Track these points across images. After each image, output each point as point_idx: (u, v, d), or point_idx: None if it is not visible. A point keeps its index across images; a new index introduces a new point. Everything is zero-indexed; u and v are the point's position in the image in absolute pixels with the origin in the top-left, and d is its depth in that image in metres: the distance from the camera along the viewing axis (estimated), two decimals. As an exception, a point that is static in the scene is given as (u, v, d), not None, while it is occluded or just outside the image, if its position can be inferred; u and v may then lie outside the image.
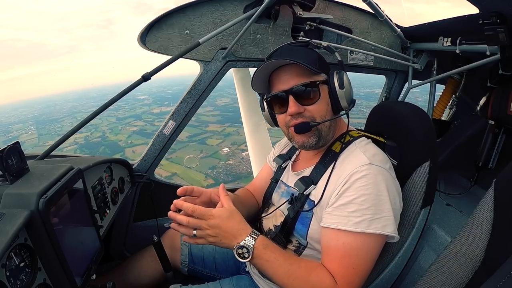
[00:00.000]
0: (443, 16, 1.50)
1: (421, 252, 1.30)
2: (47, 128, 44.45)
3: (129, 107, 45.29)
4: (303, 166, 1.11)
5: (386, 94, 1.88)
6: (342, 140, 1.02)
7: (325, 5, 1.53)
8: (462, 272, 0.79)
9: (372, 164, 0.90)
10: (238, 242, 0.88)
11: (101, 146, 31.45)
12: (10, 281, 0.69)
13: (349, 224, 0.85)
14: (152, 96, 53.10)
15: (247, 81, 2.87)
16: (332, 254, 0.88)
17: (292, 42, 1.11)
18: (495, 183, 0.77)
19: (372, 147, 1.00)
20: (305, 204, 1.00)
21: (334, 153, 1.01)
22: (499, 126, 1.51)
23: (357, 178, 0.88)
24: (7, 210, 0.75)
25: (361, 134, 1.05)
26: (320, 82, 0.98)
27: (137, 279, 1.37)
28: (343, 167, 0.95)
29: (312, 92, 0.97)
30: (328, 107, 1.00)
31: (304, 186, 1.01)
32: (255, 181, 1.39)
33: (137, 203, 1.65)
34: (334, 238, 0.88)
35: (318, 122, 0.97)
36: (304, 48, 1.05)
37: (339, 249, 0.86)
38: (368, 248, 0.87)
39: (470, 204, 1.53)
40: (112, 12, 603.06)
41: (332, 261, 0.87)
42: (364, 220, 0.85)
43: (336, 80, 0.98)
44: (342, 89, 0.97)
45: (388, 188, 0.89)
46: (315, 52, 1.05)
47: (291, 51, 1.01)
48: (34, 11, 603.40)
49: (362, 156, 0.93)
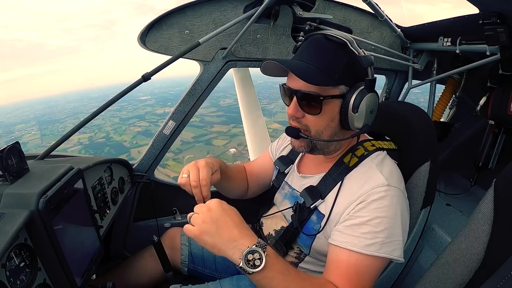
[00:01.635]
0: (444, 16, 1.50)
1: (421, 252, 1.30)
2: (49, 128, 44.44)
3: (132, 108, 45.28)
4: (311, 170, 1.06)
5: (386, 94, 1.88)
6: (355, 152, 0.95)
7: (325, 5, 1.53)
8: (462, 272, 0.79)
9: (390, 185, 0.86)
10: (247, 245, 0.72)
11: (106, 147, 31.49)
12: (10, 281, 0.69)
13: (359, 245, 0.83)
14: (155, 97, 53.08)
15: (247, 81, 2.88)
16: (341, 271, 0.85)
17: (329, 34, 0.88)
18: (495, 183, 0.77)
19: (389, 163, 0.95)
20: (312, 215, 0.97)
21: (346, 167, 0.95)
22: (499, 126, 1.52)
23: (374, 200, 0.85)
24: (7, 210, 0.75)
25: (376, 147, 0.98)
26: (327, 96, 0.86)
27: (137, 279, 1.37)
28: (357, 185, 0.90)
29: (313, 104, 0.88)
30: (332, 122, 0.90)
31: (311, 199, 0.96)
32: (253, 163, 1.35)
33: (137, 203, 1.65)
34: (345, 257, 0.85)
35: (306, 135, 0.91)
36: (335, 48, 0.87)
37: (350, 268, 0.84)
38: (375, 268, 0.86)
39: (470, 204, 1.53)
40: (114, 13, 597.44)
41: (341, 277, 0.84)
42: (375, 243, 0.83)
43: (353, 100, 0.86)
44: (354, 113, 0.86)
45: (402, 212, 0.87)
46: (346, 57, 0.86)
47: (314, 49, 0.89)
48: (36, 12, 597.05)
49: (380, 176, 0.88)
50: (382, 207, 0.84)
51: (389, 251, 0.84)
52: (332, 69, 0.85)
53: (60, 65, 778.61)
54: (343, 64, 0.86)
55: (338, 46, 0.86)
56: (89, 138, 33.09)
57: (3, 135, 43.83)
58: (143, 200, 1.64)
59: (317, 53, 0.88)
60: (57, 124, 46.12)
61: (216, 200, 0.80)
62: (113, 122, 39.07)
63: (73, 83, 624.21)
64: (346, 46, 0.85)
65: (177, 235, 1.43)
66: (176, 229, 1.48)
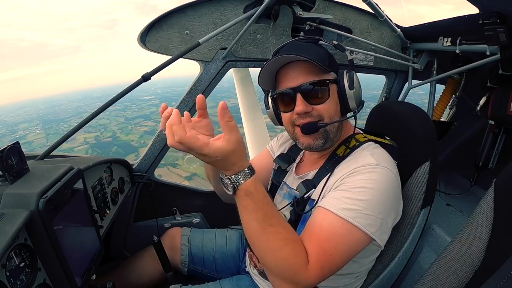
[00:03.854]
0: (445, 17, 1.50)
1: (421, 252, 1.30)
2: (54, 127, 44.42)
3: (136, 108, 45.33)
4: (307, 169, 1.08)
5: (386, 94, 1.88)
6: (347, 145, 0.98)
7: (325, 5, 1.53)
8: (462, 272, 0.79)
9: (379, 165, 0.86)
10: (225, 174, 0.76)
11: (114, 146, 31.45)
12: (10, 281, 0.69)
13: (337, 207, 0.82)
14: (158, 97, 53.11)
15: (247, 81, 2.88)
16: (314, 233, 0.82)
17: (301, 38, 1.05)
18: (495, 183, 0.77)
19: (381, 151, 0.96)
20: (306, 206, 0.98)
21: (338, 158, 0.97)
22: (499, 126, 1.51)
23: (362, 172, 0.85)
24: (7, 210, 0.75)
25: (368, 138, 1.00)
26: (330, 81, 0.94)
27: (137, 279, 1.37)
28: (347, 166, 0.91)
29: (321, 91, 0.93)
30: (337, 107, 0.96)
31: (306, 189, 0.98)
32: (252, 162, 1.35)
33: (137, 203, 1.65)
34: (321, 217, 0.83)
35: (326, 123, 0.93)
36: (313, 44, 0.99)
37: (323, 230, 0.81)
38: (350, 240, 0.82)
39: (470, 204, 1.52)
40: (117, 13, 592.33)
41: (312, 239, 0.81)
42: (353, 209, 0.81)
43: (346, 80, 0.94)
44: (351, 90, 0.93)
45: (389, 191, 0.86)
46: (325, 49, 0.99)
47: (300, 47, 0.96)
48: (39, 11, 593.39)
49: (370, 158, 0.89)
50: (369, 179, 0.84)
51: (365, 224, 0.81)
52: (322, 59, 0.93)
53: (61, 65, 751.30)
54: (326, 54, 0.97)
55: (313, 43, 1.00)
56: (95, 137, 33.01)
57: (6, 134, 43.81)
58: (143, 200, 1.64)
59: (304, 49, 0.95)
60: (62, 124, 46.18)
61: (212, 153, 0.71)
62: (119, 122, 39.10)
63: (74, 83, 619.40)
64: (319, 42, 1.00)
65: (177, 235, 1.43)
66: (176, 229, 1.48)
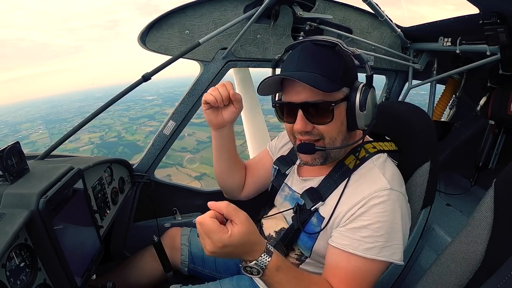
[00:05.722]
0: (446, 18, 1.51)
1: (421, 252, 1.30)
2: (57, 127, 44.19)
3: (140, 108, 45.32)
4: (311, 173, 1.05)
5: (386, 94, 1.88)
6: (357, 155, 0.94)
7: (325, 5, 1.53)
8: (462, 272, 0.79)
9: (392, 189, 0.86)
10: (249, 259, 0.76)
11: (120, 146, 31.30)
12: (10, 281, 0.69)
13: (359, 249, 0.83)
14: (161, 97, 53.00)
15: (247, 81, 2.87)
16: (340, 275, 0.86)
17: (317, 40, 0.89)
18: (495, 183, 0.77)
19: (390, 165, 0.95)
20: (313, 217, 0.96)
21: (347, 169, 0.94)
22: (499, 126, 1.52)
23: (375, 204, 0.85)
24: (7, 210, 0.75)
25: (377, 149, 0.98)
26: (337, 101, 0.85)
27: (137, 279, 1.37)
28: (359, 188, 0.89)
29: (325, 112, 0.86)
30: (342, 126, 0.89)
31: (311, 200, 0.96)
32: (250, 161, 1.33)
33: (137, 203, 1.65)
34: (344, 259, 0.85)
35: (323, 147, 0.88)
36: (329, 52, 0.87)
37: (348, 272, 0.85)
38: (374, 272, 0.86)
39: (470, 204, 1.53)
40: (118, 13, 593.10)
41: (341, 282, 0.85)
42: (375, 247, 0.83)
43: (358, 99, 0.85)
44: (362, 111, 0.86)
45: (403, 216, 0.87)
46: (342, 59, 0.87)
47: (310, 58, 0.86)
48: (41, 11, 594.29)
49: (382, 179, 0.88)
50: (383, 212, 0.84)
51: (389, 254, 0.84)
52: (334, 73, 0.85)
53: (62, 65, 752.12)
54: (341, 66, 0.86)
55: (330, 50, 0.87)
56: (100, 137, 32.89)
57: (9, 134, 43.61)
58: (143, 200, 1.64)
59: (315, 61, 0.86)
60: (65, 124, 45.94)
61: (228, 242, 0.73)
62: (123, 122, 38.92)
63: (75, 83, 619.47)
64: (338, 47, 0.86)
65: (177, 235, 1.43)
66: (176, 229, 1.48)
